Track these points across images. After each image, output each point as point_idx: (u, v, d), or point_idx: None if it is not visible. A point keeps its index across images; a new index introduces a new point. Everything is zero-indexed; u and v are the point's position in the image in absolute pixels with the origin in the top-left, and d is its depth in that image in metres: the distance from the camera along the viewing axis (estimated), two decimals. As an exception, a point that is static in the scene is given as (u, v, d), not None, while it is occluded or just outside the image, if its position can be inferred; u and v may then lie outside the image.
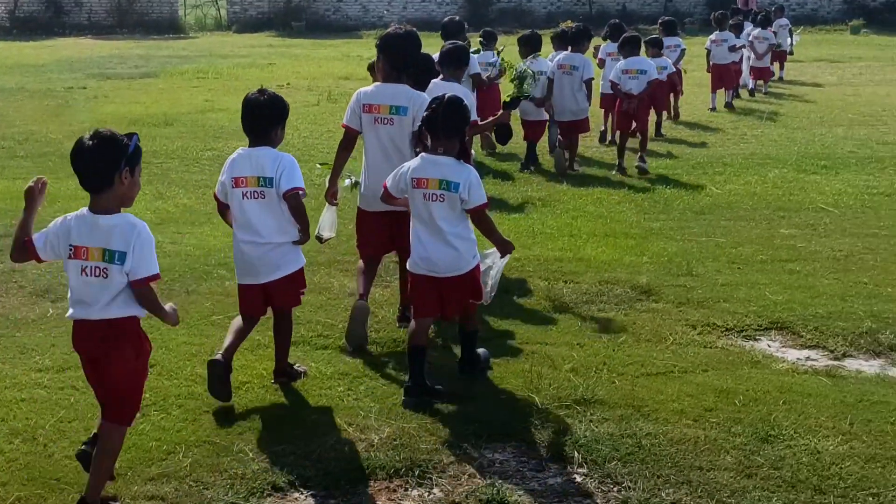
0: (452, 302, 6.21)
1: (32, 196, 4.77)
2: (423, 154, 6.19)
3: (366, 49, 26.74)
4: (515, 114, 13.53)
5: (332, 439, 5.53)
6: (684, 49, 17.64)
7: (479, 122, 8.34)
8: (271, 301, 6.23)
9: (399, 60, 7.18)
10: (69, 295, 4.83)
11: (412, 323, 6.29)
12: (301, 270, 6.25)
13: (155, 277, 4.75)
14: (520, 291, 8.07)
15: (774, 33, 21.69)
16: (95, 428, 5.06)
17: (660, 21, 18.70)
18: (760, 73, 21.02)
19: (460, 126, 6.14)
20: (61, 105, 18.84)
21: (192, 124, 16.54)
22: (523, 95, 8.84)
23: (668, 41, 16.68)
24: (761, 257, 9.04)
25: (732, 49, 19.01)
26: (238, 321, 6.27)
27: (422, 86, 7.47)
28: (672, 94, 17.03)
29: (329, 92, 20.04)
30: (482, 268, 6.36)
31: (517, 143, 14.19)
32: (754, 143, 14.94)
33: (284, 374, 6.34)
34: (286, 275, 6.13)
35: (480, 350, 6.61)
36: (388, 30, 7.40)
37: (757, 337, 7.22)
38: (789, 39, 23.67)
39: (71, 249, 4.71)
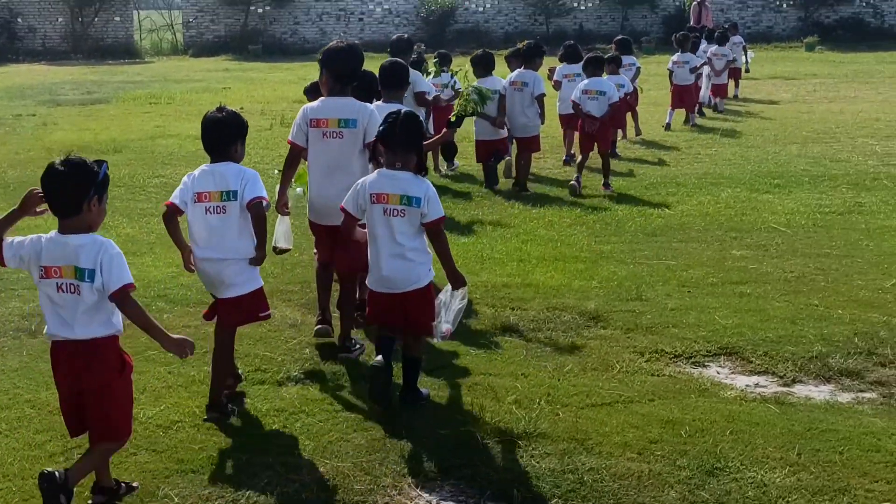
0: (418, 315, 6.18)
1: (29, 202, 4.94)
2: (379, 170, 6.20)
3: (321, 72, 26.64)
4: (468, 134, 13.49)
5: (263, 481, 5.31)
6: (639, 67, 17.66)
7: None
8: (218, 316, 6.22)
9: (343, 74, 7.19)
10: (45, 317, 4.93)
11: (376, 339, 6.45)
12: (256, 293, 6.18)
13: (128, 287, 4.81)
14: (465, 319, 7.86)
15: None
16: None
17: (615, 40, 18.62)
18: (717, 90, 21.10)
19: (417, 140, 6.18)
20: (8, 133, 18.53)
21: (141, 151, 16.28)
22: (468, 114, 8.77)
23: (623, 60, 16.68)
24: (712, 280, 8.91)
25: (693, 70, 19.07)
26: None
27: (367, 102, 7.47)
28: (630, 113, 17.08)
29: (282, 116, 19.81)
30: (436, 301, 6.28)
31: (473, 164, 14.11)
32: (708, 163, 14.86)
33: (217, 409, 6.12)
34: (237, 295, 6.09)
35: (423, 390, 6.42)
36: (330, 44, 7.41)
37: (706, 363, 7.07)
38: (743, 57, 23.71)
39: (42, 270, 4.83)
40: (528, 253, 9.82)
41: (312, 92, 8.51)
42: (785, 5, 42.06)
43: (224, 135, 6.06)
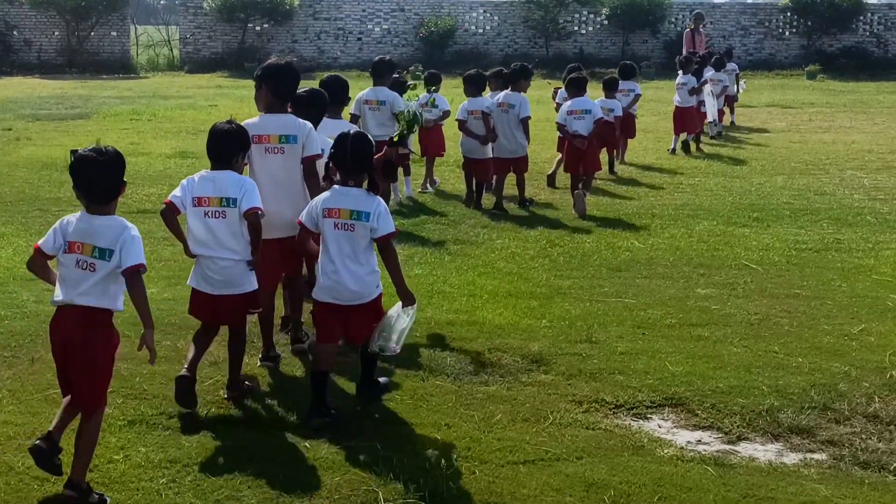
0: (357, 328, 6.42)
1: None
2: (334, 187, 6.45)
3: (309, 91, 26.12)
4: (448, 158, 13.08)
5: (132, 546, 4.82)
6: (639, 94, 17.43)
7: None
8: (218, 315, 6.58)
9: (282, 90, 7.37)
10: (59, 287, 5.26)
11: (318, 348, 6.57)
12: (253, 294, 6.59)
13: (140, 266, 5.19)
14: (397, 360, 7.33)
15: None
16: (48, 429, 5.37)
17: (620, 64, 18.37)
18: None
19: (368, 159, 6.45)
20: (-23, 147, 18.09)
21: (107, 169, 15.78)
22: (408, 133, 8.60)
23: (624, 85, 16.78)
24: (670, 321, 8.39)
25: (692, 92, 18.80)
26: (198, 333, 6.71)
27: (314, 120, 7.65)
28: (621, 141, 16.81)
29: (261, 135, 19.30)
30: (389, 324, 6.43)
31: (452, 187, 13.67)
32: (689, 193, 14.31)
33: (236, 388, 6.69)
34: (236, 293, 6.48)
35: (382, 379, 6.83)
36: (269, 61, 7.61)
37: (648, 415, 6.54)
38: (735, 86, 23.16)
39: (66, 245, 5.20)
40: (482, 287, 9.30)
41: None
42: (787, 33, 41.57)
43: (229, 145, 6.50)
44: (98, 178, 5.20)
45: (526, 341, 7.81)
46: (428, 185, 14.50)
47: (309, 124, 7.36)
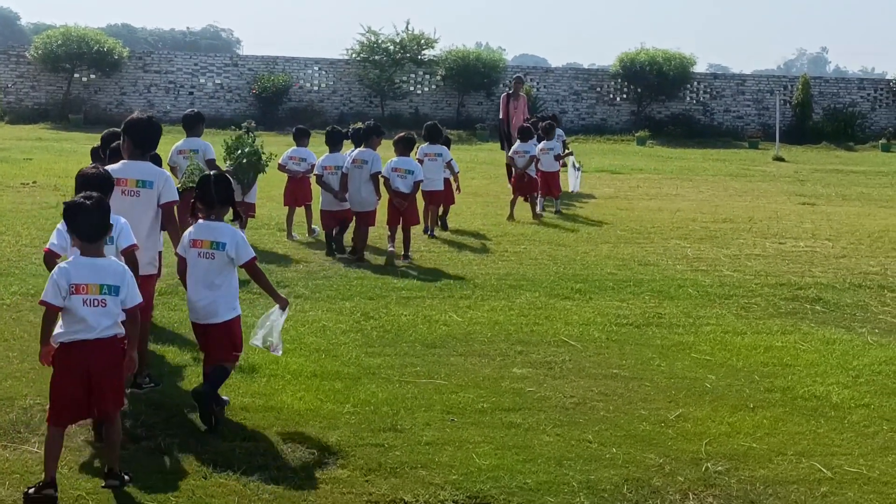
0: (212, 344, 7.42)
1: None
2: (199, 221, 7.44)
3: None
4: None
5: None
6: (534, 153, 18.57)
7: None
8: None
9: (143, 141, 8.07)
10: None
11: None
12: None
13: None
14: (179, 461, 6.63)
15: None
16: None
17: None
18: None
19: (230, 196, 7.52)
20: None
21: None
22: (189, 188, 9.34)
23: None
24: (482, 405, 7.89)
25: (558, 158, 19.62)
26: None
27: None
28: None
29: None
30: (265, 321, 7.56)
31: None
32: (513, 262, 13.98)
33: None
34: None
35: (224, 397, 7.47)
36: (133, 115, 8.24)
37: (449, 517, 6.01)
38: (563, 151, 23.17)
39: (72, 287, 5.99)
40: (285, 367, 8.63)
41: (96, 157, 9.74)
42: (619, 99, 42.48)
43: (99, 189, 6.64)
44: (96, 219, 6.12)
45: (325, 430, 7.20)
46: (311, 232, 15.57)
47: (167, 173, 8.25)
